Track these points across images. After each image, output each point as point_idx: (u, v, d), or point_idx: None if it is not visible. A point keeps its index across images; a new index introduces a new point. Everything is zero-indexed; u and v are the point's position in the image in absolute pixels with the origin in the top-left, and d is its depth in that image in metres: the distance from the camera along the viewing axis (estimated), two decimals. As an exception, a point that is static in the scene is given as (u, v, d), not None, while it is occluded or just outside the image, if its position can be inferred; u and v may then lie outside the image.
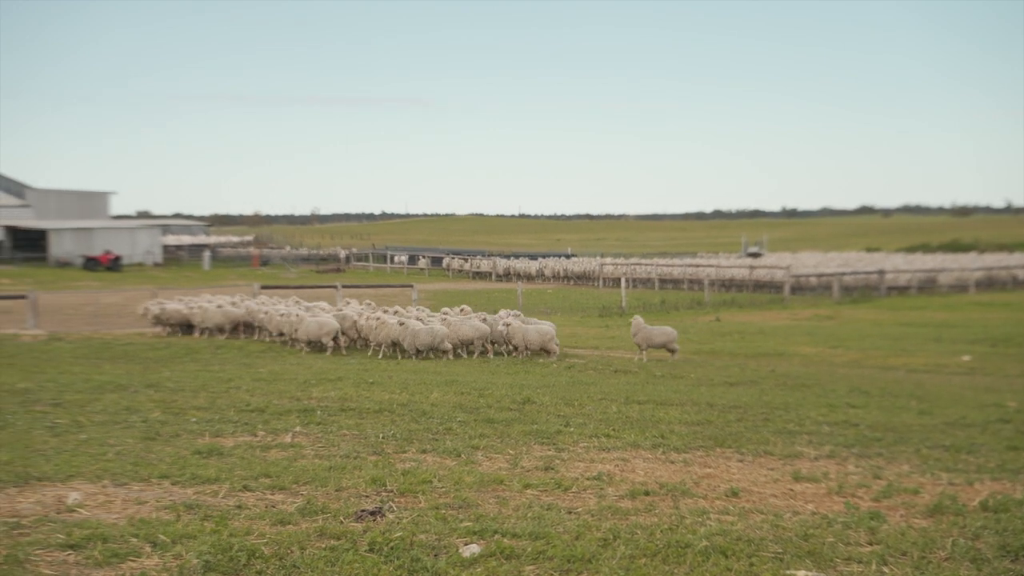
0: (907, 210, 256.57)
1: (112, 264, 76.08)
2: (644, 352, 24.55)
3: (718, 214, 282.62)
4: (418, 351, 23.28)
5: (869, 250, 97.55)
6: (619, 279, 54.39)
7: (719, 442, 11.84)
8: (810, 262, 71.69)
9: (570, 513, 8.07)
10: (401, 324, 23.66)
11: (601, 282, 62.99)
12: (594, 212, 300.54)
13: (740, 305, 47.19)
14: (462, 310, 26.81)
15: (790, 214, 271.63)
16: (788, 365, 24.00)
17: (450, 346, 23.50)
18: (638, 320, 24.89)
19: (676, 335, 24.77)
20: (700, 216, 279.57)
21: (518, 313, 26.76)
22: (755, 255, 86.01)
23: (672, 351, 24.55)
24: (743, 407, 15.16)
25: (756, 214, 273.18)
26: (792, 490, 9.41)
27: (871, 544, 7.37)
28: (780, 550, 7.11)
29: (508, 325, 24.26)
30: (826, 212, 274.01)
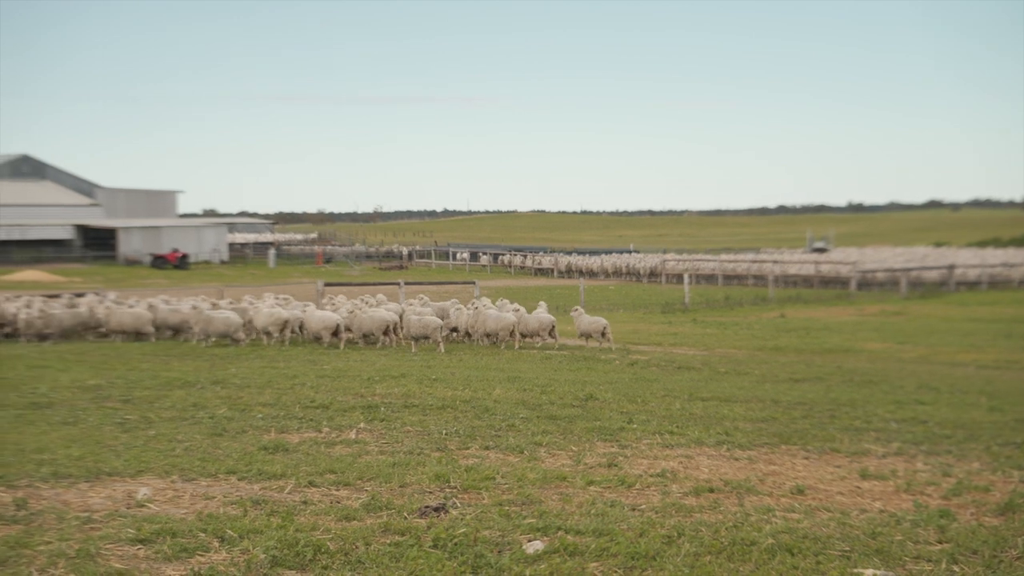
0: (976, 204, 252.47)
1: (179, 262, 77.18)
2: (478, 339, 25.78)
3: (782, 209, 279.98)
4: (209, 336, 24.16)
5: (938, 245, 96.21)
6: (682, 275, 54.08)
7: (784, 439, 11.72)
8: (877, 257, 70.87)
9: (634, 510, 8.03)
10: (194, 308, 24.83)
11: (664, 278, 62.71)
12: (656, 208, 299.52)
13: (805, 301, 46.78)
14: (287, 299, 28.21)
15: (856, 209, 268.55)
16: (855, 361, 23.72)
17: (243, 335, 24.27)
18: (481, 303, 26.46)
19: (511, 323, 25.21)
20: (764, 211, 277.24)
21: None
22: (821, 250, 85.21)
23: (503, 340, 25.25)
24: (809, 404, 15.00)
25: (821, 209, 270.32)
26: (859, 488, 9.29)
27: (941, 543, 7.25)
28: (847, 548, 7.02)
29: (304, 311, 25.33)
30: (894, 207, 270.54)
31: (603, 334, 25.53)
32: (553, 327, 25.47)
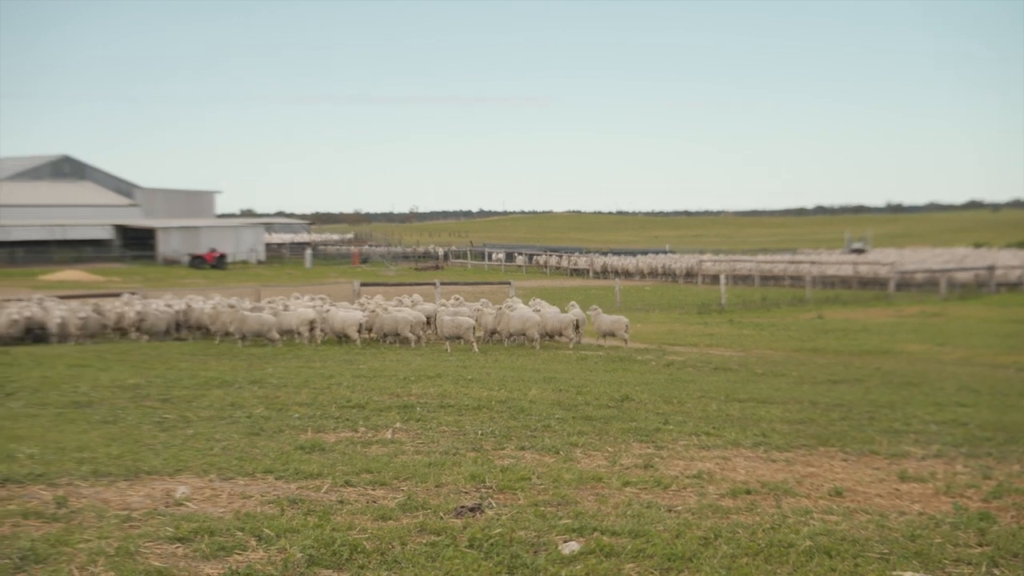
0: (1017, 204, 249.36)
1: (217, 262, 77.76)
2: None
3: (820, 210, 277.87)
4: (244, 336, 24.48)
5: (977, 246, 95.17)
6: (718, 276, 53.77)
7: (822, 441, 11.65)
8: (916, 258, 70.24)
9: (670, 511, 8.00)
10: (231, 307, 25.08)
11: (700, 279, 62.43)
12: (692, 209, 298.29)
13: (843, 302, 46.43)
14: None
15: (895, 209, 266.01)
16: (894, 363, 23.54)
17: (276, 335, 24.39)
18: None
19: (536, 322, 25.20)
20: (801, 212, 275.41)
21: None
22: (859, 251, 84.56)
23: (530, 339, 25.32)
24: (847, 405, 14.90)
25: (860, 210, 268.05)
26: (898, 490, 9.21)
27: (981, 545, 7.17)
28: (886, 551, 6.96)
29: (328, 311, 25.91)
30: (932, 207, 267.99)
31: (625, 330, 25.94)
32: (577, 325, 25.61)
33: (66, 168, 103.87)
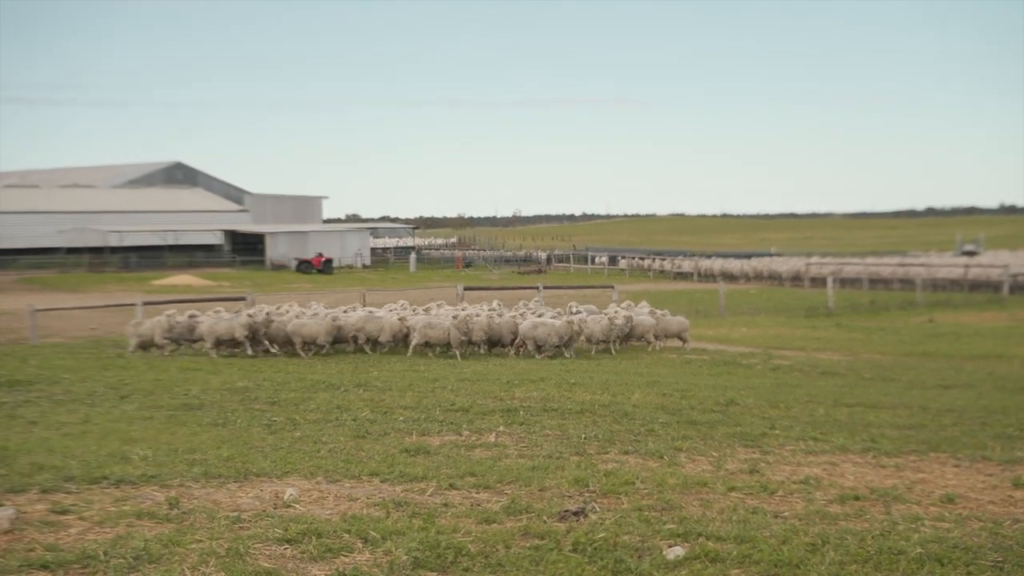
0: None
1: (324, 266, 78.76)
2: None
3: (931, 211, 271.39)
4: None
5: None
6: (824, 279, 52.82)
7: (933, 446, 11.40)
8: (1032, 259, 68.20)
9: (776, 517, 7.92)
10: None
11: (807, 282, 61.45)
12: (799, 211, 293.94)
13: (955, 305, 45.36)
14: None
15: (1009, 211, 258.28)
16: (1008, 368, 22.91)
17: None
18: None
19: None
20: (911, 214, 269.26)
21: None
22: (971, 253, 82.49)
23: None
24: (959, 411, 14.57)
25: (972, 211, 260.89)
26: (1012, 497, 8.98)
27: (1101, 556, 6.96)
28: (1000, 559, 6.79)
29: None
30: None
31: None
32: (651, 330, 25.66)
33: (178, 175, 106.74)
